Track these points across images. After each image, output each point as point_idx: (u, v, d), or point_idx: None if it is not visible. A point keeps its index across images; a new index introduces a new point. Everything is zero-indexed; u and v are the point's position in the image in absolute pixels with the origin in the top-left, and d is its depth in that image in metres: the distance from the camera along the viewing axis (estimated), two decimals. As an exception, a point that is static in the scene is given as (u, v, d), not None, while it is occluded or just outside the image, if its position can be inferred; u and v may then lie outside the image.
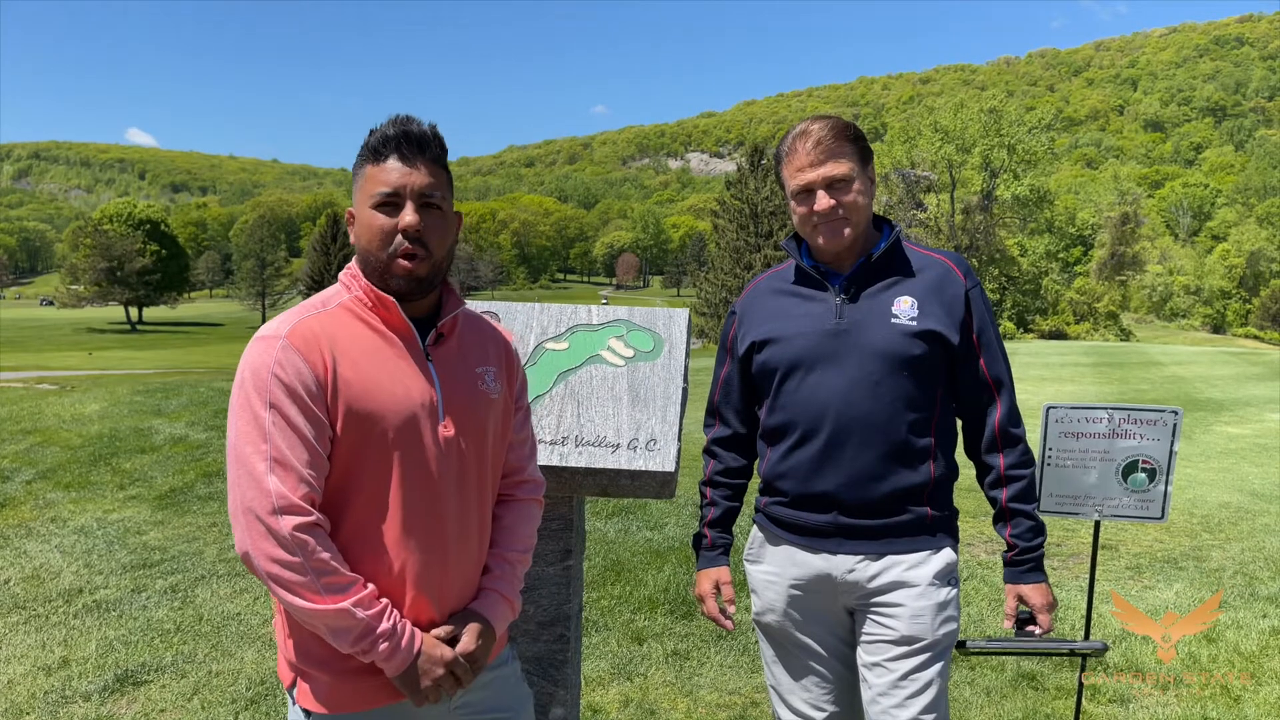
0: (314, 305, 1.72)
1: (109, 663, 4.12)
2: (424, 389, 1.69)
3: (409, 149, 1.67)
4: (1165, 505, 2.66)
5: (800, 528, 2.16)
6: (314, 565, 1.54)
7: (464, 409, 1.74)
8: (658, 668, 4.07)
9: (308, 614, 1.55)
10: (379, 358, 1.67)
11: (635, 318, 2.56)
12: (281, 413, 1.56)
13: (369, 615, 1.57)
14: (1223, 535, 6.02)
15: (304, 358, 1.60)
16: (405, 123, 1.68)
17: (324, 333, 1.64)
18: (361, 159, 1.71)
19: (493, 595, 1.79)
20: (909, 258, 2.16)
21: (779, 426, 2.17)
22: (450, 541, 1.71)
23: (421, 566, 1.67)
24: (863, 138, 2.13)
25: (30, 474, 7.68)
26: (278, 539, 1.52)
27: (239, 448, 1.57)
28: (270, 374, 1.58)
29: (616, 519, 6.20)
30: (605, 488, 2.35)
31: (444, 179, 1.72)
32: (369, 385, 1.64)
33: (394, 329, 1.71)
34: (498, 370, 1.85)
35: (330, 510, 1.62)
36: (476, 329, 1.88)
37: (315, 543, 1.54)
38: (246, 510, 1.54)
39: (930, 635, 2.06)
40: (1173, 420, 2.61)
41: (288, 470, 1.55)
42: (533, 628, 2.46)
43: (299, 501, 1.54)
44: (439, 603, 1.71)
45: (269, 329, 1.66)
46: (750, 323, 2.25)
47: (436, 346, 1.75)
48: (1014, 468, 2.15)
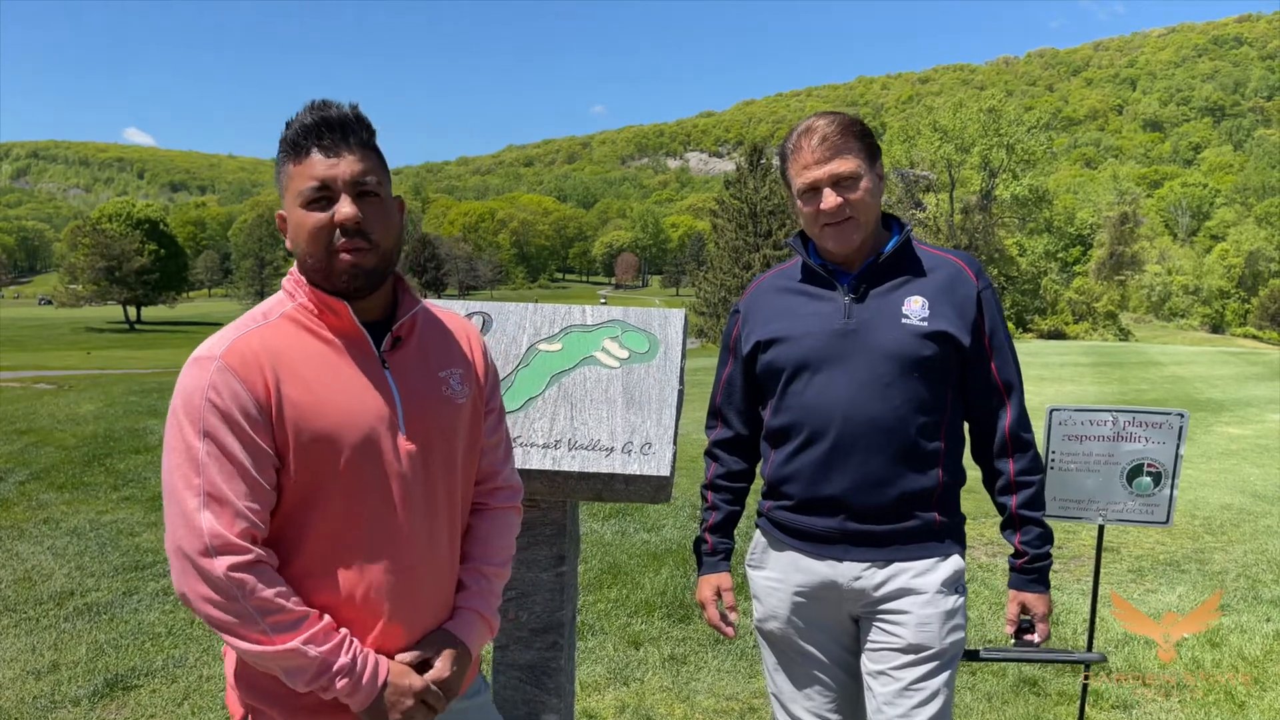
0: (254, 318, 1.57)
1: (99, 667, 4.07)
2: (380, 401, 1.56)
3: (331, 137, 1.52)
4: (1170, 509, 2.62)
5: (805, 533, 2.10)
6: (255, 605, 1.42)
7: (427, 419, 1.61)
8: (655, 672, 4.02)
9: (256, 655, 1.45)
10: (329, 371, 1.53)
11: (630, 318, 2.51)
12: (216, 442, 1.44)
13: (323, 651, 1.46)
14: (1225, 537, 5.98)
15: (241, 379, 1.46)
16: (323, 108, 1.53)
17: (264, 349, 1.50)
18: (283, 155, 1.54)
19: (468, 614, 1.67)
20: (919, 257, 2.10)
21: (784, 428, 2.11)
22: (418, 562, 1.59)
23: (389, 591, 1.56)
24: (870, 134, 2.07)
25: (24, 474, 7.63)
26: (210, 581, 1.41)
27: (171, 482, 1.45)
28: (204, 399, 1.45)
29: (613, 521, 6.15)
30: (599, 492, 2.29)
31: (376, 162, 1.56)
32: (318, 403, 1.50)
33: (344, 336, 1.57)
34: (464, 372, 1.71)
35: (285, 541, 1.51)
36: (437, 328, 1.73)
37: (256, 580, 1.42)
38: (176, 550, 1.43)
39: (937, 644, 2.01)
40: (1178, 423, 2.56)
41: (223, 505, 1.43)
42: (525, 635, 2.40)
43: (234, 540, 1.42)
44: (410, 627, 1.60)
45: (204, 349, 1.51)
46: (755, 322, 2.19)
47: (393, 352, 1.61)
48: (1024, 473, 2.10)
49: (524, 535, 2.28)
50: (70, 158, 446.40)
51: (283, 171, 1.55)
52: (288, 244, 1.59)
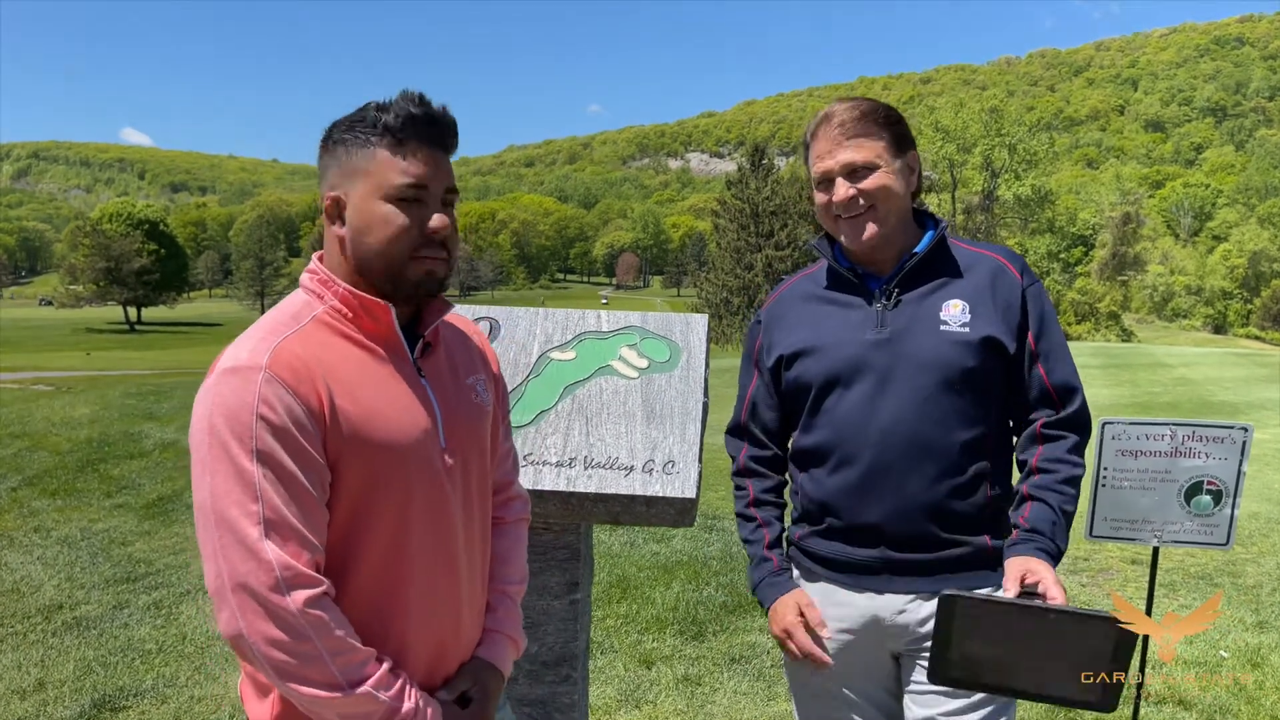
0: (283, 323, 1.39)
1: (86, 685, 3.91)
2: (423, 412, 1.43)
3: (434, 135, 1.40)
4: (1232, 530, 2.43)
5: (842, 563, 1.91)
6: (328, 646, 1.26)
7: (463, 428, 1.50)
8: (668, 694, 3.83)
9: (320, 704, 1.28)
10: (372, 380, 1.39)
11: (649, 324, 2.32)
12: (274, 462, 1.27)
13: (390, 696, 1.32)
14: (1255, 549, 5.78)
15: (293, 390, 1.29)
16: (425, 103, 1.40)
17: (311, 356, 1.34)
18: (365, 137, 1.38)
19: (499, 639, 1.58)
20: (956, 256, 1.91)
21: (815, 449, 1.92)
22: (463, 582, 1.49)
23: (439, 615, 1.44)
24: (899, 121, 1.88)
25: (16, 480, 7.47)
26: (282, 620, 1.24)
27: (221, 510, 1.26)
28: (254, 415, 1.27)
29: (621, 532, 5.95)
30: (617, 515, 2.10)
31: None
32: (369, 414, 1.36)
33: (381, 341, 1.43)
34: (486, 379, 1.62)
35: (333, 570, 1.35)
36: (458, 335, 1.63)
37: (329, 619, 1.28)
38: (239, 588, 1.24)
39: None
40: (1242, 438, 2.37)
41: (288, 534, 1.26)
42: (536, 668, 2.22)
43: (305, 570, 1.27)
44: (453, 656, 1.50)
45: (242, 358, 1.32)
46: (779, 333, 2.00)
47: (425, 359, 1.49)
48: (1071, 451, 1.86)
49: (534, 560, 2.09)
50: (71, 158, 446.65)
51: (362, 154, 1.39)
52: (340, 231, 1.42)
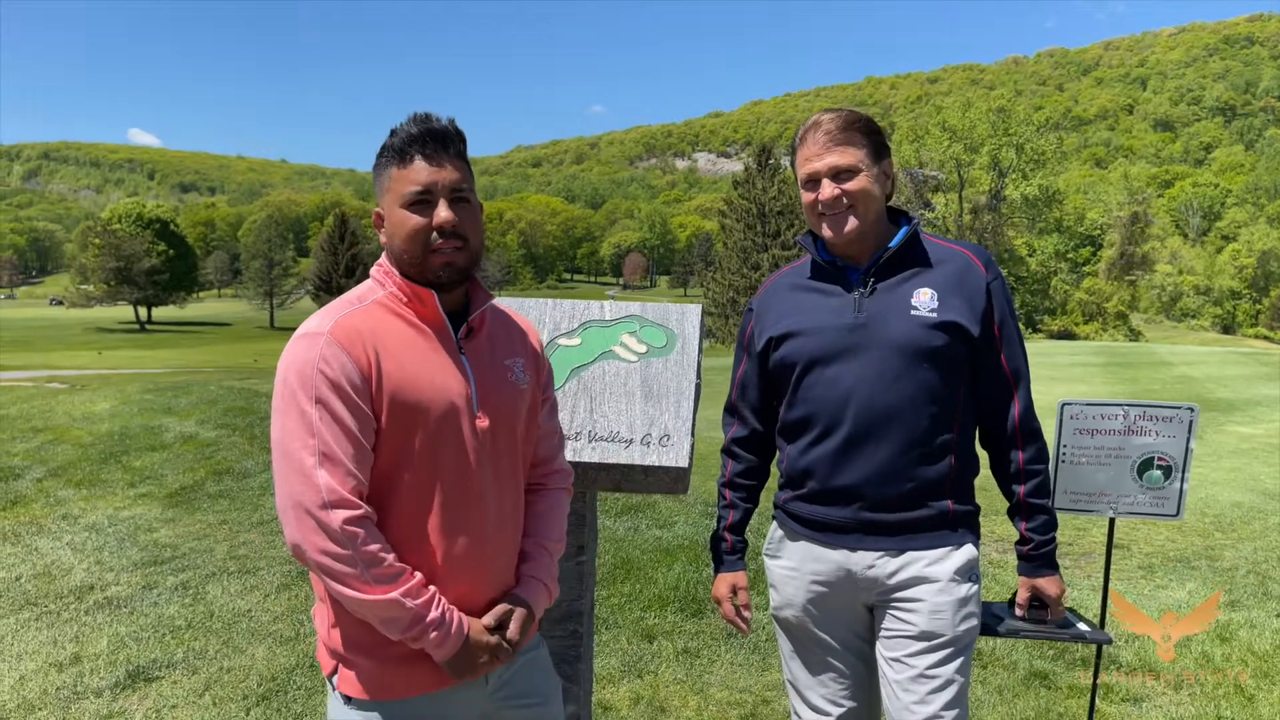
0: (349, 302, 1.75)
1: (120, 659, 4.12)
2: (460, 380, 1.74)
3: (434, 146, 1.70)
4: (1181, 503, 2.65)
5: (820, 523, 2.15)
6: (363, 557, 1.58)
7: (496, 400, 1.79)
8: (668, 665, 4.06)
9: (358, 604, 1.60)
10: (416, 352, 1.71)
11: (648, 314, 2.56)
12: (328, 408, 1.60)
13: (418, 604, 1.62)
14: (1235, 535, 5.99)
15: (348, 353, 1.63)
16: (426, 120, 1.71)
17: (365, 328, 1.68)
18: (385, 160, 1.73)
19: (534, 582, 1.85)
20: (928, 250, 2.14)
21: (798, 422, 2.16)
22: (489, 530, 1.77)
23: (464, 554, 1.72)
24: (876, 131, 2.12)
25: (41, 471, 7.71)
26: (328, 532, 1.56)
27: (286, 443, 1.60)
28: (316, 370, 1.61)
29: (626, 517, 6.19)
30: (618, 483, 2.34)
31: (468, 172, 1.76)
32: (410, 378, 1.67)
33: (429, 323, 1.75)
34: (525, 361, 1.90)
35: (375, 502, 1.66)
36: (503, 323, 1.93)
37: (365, 534, 1.59)
38: (296, 505, 1.58)
39: (951, 631, 2.05)
40: (1188, 417, 2.59)
41: (336, 464, 1.59)
42: (546, 624, 2.45)
43: (348, 495, 1.58)
44: (480, 589, 1.76)
45: (311, 325, 1.69)
46: (768, 319, 2.24)
47: (468, 340, 1.80)
48: (1032, 462, 2.14)
49: (544, 526, 2.33)
50: (81, 159, 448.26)
51: (385, 174, 1.73)
52: (382, 239, 1.77)
